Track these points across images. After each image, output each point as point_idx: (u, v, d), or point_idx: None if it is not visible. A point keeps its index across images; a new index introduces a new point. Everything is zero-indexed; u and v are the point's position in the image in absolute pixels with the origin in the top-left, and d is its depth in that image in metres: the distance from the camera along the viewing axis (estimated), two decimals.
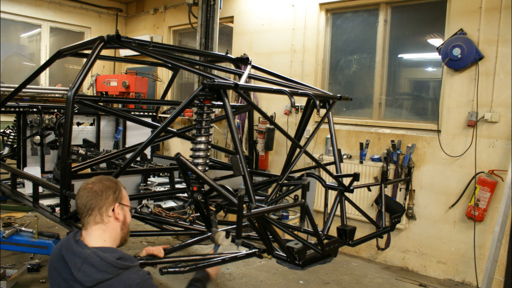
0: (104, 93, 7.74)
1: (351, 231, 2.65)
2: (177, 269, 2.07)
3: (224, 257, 2.38)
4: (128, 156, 3.52)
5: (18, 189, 4.03)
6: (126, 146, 5.39)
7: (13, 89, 4.33)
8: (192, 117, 6.69)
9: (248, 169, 2.38)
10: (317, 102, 2.45)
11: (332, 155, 3.36)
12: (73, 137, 4.69)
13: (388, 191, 5.15)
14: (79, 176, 2.96)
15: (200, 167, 2.12)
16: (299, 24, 6.22)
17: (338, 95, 3.19)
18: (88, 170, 3.31)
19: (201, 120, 2.20)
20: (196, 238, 2.66)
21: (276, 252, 2.43)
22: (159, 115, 6.16)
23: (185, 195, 3.44)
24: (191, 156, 2.16)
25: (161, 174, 4.41)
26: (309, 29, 6.12)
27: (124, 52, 8.62)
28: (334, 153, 3.16)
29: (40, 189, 3.68)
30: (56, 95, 7.89)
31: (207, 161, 2.16)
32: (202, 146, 2.15)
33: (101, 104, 3.81)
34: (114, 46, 3.20)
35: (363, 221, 4.74)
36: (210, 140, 2.22)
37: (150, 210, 3.17)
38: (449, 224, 4.87)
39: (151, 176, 3.73)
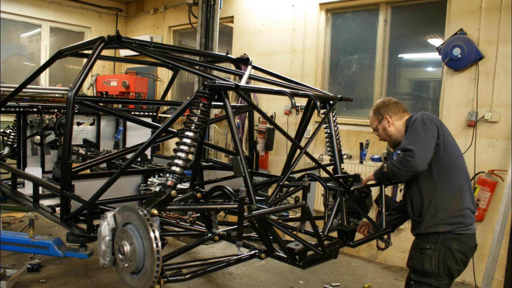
0: (104, 93, 7.74)
1: (351, 232, 2.66)
2: (179, 277, 2.07)
3: (229, 260, 2.38)
4: (128, 156, 3.52)
5: (18, 189, 4.03)
6: (127, 146, 5.39)
7: (13, 89, 4.33)
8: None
9: (249, 170, 2.38)
10: (318, 103, 2.44)
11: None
12: (73, 137, 4.70)
13: (388, 191, 5.15)
14: (79, 177, 2.96)
15: (181, 162, 2.11)
16: (299, 24, 6.22)
17: (338, 96, 3.19)
18: (88, 171, 3.31)
19: (194, 115, 2.18)
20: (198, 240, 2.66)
21: (277, 253, 2.44)
22: (159, 115, 6.16)
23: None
24: (173, 150, 2.16)
25: (161, 174, 4.42)
26: (309, 29, 6.12)
27: (124, 52, 8.61)
28: (334, 153, 3.17)
29: (40, 189, 3.68)
30: (56, 95, 7.89)
31: (189, 157, 2.15)
32: (188, 141, 2.13)
33: (101, 104, 3.82)
34: (115, 46, 3.21)
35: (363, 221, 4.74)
36: (197, 137, 2.19)
37: None
38: None
39: (152, 176, 3.73)
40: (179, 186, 2.70)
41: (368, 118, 5.20)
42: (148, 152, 5.27)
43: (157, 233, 1.79)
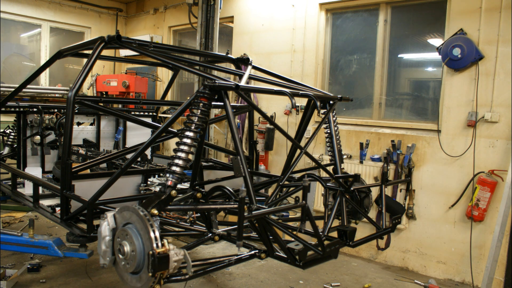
0: (104, 93, 7.74)
1: (351, 232, 2.66)
2: (179, 277, 2.07)
3: (229, 260, 2.38)
4: (128, 156, 3.52)
5: (18, 189, 4.03)
6: (127, 146, 5.39)
7: (13, 89, 4.33)
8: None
9: (249, 170, 2.38)
10: (318, 103, 2.45)
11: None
12: (73, 137, 4.70)
13: (388, 191, 5.15)
14: (79, 177, 2.96)
15: (181, 162, 2.11)
16: (299, 24, 6.22)
17: (338, 96, 3.19)
18: (88, 171, 3.31)
19: (194, 115, 2.19)
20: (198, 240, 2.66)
21: (277, 253, 2.44)
22: (159, 115, 6.16)
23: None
24: (173, 150, 2.16)
25: (161, 174, 4.42)
26: (309, 29, 6.12)
27: (124, 52, 8.61)
28: (334, 153, 3.17)
29: (40, 189, 3.68)
30: (56, 95, 7.89)
31: (189, 157, 2.16)
32: (188, 141, 2.13)
33: (101, 104, 3.82)
34: (115, 46, 3.21)
35: (363, 221, 4.74)
36: (197, 137, 2.19)
37: None
38: (449, 224, 4.87)
39: (152, 176, 3.73)
40: (179, 186, 2.70)
41: (368, 118, 5.20)
42: (148, 152, 5.27)
43: (157, 233, 1.79)
